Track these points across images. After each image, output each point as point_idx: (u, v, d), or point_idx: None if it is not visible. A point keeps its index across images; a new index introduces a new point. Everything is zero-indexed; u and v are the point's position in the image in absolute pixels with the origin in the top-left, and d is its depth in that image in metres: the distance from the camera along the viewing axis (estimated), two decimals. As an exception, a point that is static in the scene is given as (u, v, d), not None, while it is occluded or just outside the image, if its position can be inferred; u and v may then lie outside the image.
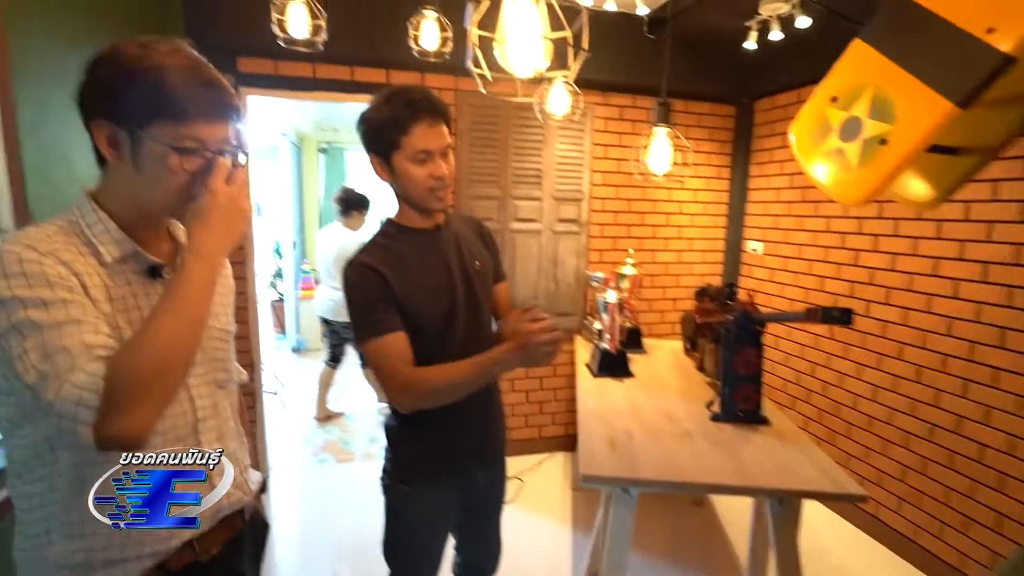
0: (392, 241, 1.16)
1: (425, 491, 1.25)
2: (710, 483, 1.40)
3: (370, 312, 1.10)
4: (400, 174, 1.11)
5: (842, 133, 1.13)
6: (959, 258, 1.97)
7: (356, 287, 1.12)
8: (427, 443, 1.23)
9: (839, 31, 2.28)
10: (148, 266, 0.77)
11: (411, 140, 1.07)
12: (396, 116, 1.06)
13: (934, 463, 2.06)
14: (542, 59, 0.95)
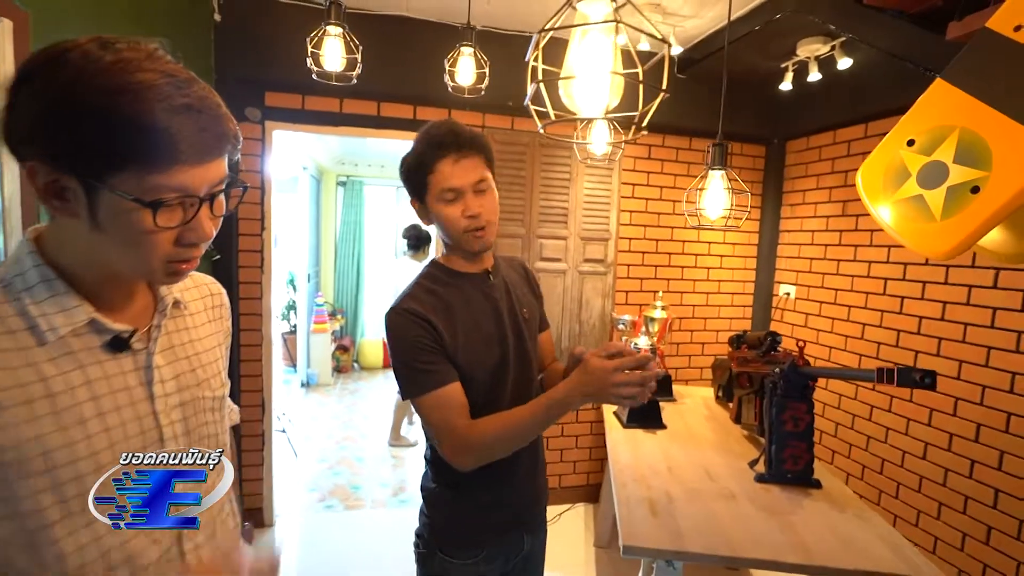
0: (440, 286, 1.07)
1: (466, 562, 1.12)
2: (766, 559, 1.25)
3: (420, 364, 1.00)
4: (435, 216, 1.03)
5: (922, 179, 1.03)
6: (1019, 309, 1.85)
7: (403, 337, 1.00)
8: (471, 509, 1.12)
9: (880, 71, 2.25)
10: (111, 337, 0.58)
11: (436, 179, 1.00)
12: (421, 156, 1.01)
13: (999, 532, 1.85)
14: (611, 98, 0.88)
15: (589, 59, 0.86)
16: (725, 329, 3.08)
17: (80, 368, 0.55)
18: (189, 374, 0.67)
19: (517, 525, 1.18)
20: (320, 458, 3.46)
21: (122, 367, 0.59)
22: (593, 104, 0.86)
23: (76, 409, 0.54)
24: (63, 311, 0.55)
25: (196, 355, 0.70)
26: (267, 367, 2.53)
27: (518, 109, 2.55)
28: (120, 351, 0.59)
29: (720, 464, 1.76)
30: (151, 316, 0.65)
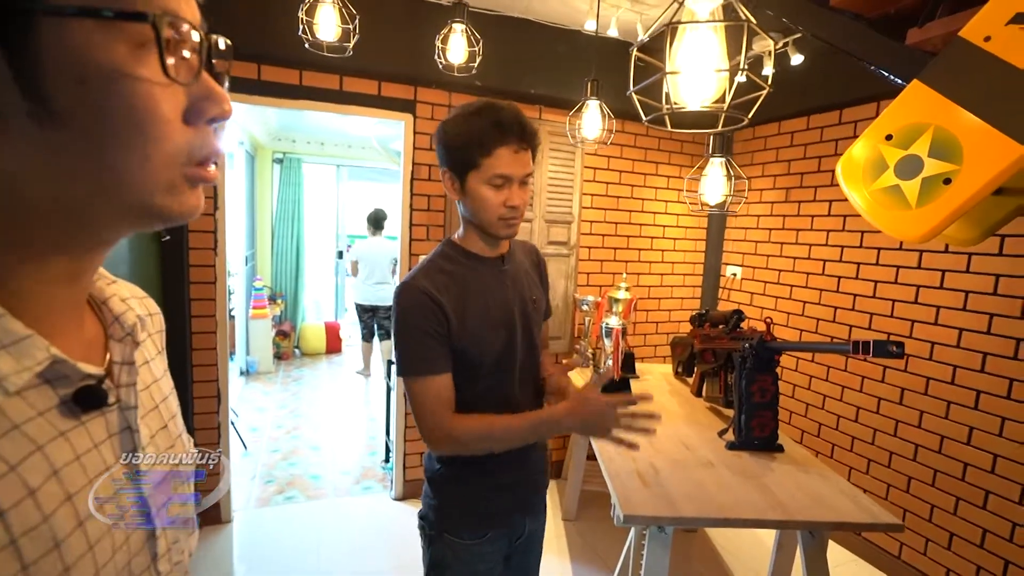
0: (455, 266, 1.06)
1: (471, 542, 1.13)
2: (754, 518, 1.36)
3: (421, 347, 1.01)
4: (472, 195, 1.02)
5: (899, 171, 1.15)
6: (992, 292, 2.03)
7: (410, 314, 1.01)
8: (477, 492, 1.13)
9: (824, 68, 2.43)
10: (78, 388, 0.36)
11: (492, 162, 0.98)
12: (482, 134, 0.98)
13: (968, 503, 2.02)
14: (715, 91, 0.90)
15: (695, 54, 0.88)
16: (677, 308, 3.25)
17: (38, 452, 0.32)
18: (162, 433, 0.46)
19: (520, 509, 1.20)
20: (272, 448, 3.31)
21: (93, 437, 0.37)
22: (697, 96, 0.88)
23: (41, 533, 0.31)
24: (17, 352, 0.32)
25: (164, 401, 0.48)
26: (222, 355, 2.38)
27: (486, 89, 2.52)
28: (90, 409, 0.37)
29: (692, 435, 1.88)
30: (103, 345, 0.42)
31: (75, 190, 0.33)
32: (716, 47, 0.88)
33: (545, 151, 2.73)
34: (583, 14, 2.38)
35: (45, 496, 0.32)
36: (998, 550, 1.94)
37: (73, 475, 0.34)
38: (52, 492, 0.32)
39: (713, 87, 0.89)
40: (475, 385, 1.07)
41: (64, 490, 0.33)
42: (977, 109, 1.04)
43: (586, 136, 1.75)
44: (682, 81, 0.90)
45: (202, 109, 0.36)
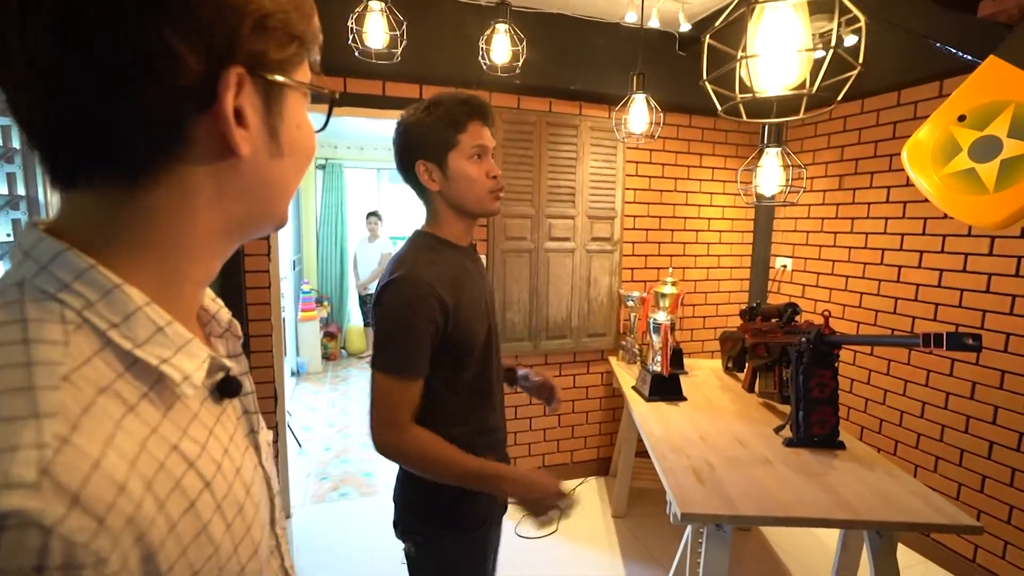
0: (442, 256, 1.06)
1: (475, 533, 1.13)
2: (818, 517, 1.32)
3: (416, 346, 0.99)
4: (457, 175, 1.03)
5: (974, 153, 1.09)
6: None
7: (414, 309, 0.98)
8: (460, 498, 1.08)
9: (879, 49, 2.32)
10: (220, 378, 0.42)
11: (469, 137, 1.02)
12: (451, 113, 1.02)
13: (991, 480, 2.00)
14: (797, 74, 0.88)
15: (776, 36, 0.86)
16: (724, 302, 3.18)
17: (210, 434, 0.39)
18: (255, 417, 0.51)
19: (494, 517, 1.21)
20: (325, 447, 3.43)
21: (233, 421, 0.44)
22: (779, 80, 0.87)
23: (231, 498, 0.38)
24: (180, 349, 0.37)
25: (253, 391, 0.53)
26: (277, 357, 2.47)
27: (525, 87, 2.52)
28: (232, 396, 0.43)
29: (747, 431, 1.84)
30: (206, 340, 0.47)
31: (254, 205, 0.41)
32: (798, 27, 0.86)
33: (586, 147, 2.71)
34: (623, 6, 2.35)
35: (226, 470, 0.39)
36: (1086, 554, 1.81)
37: (234, 452, 0.41)
38: (228, 467, 0.39)
39: (795, 70, 0.87)
40: (466, 372, 1.08)
41: (234, 464, 0.40)
42: (1063, 84, 0.97)
43: (632, 130, 1.72)
44: (762, 65, 0.87)
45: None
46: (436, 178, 1.04)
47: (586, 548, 2.39)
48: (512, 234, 2.65)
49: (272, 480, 0.48)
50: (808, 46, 0.83)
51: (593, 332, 2.85)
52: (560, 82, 2.57)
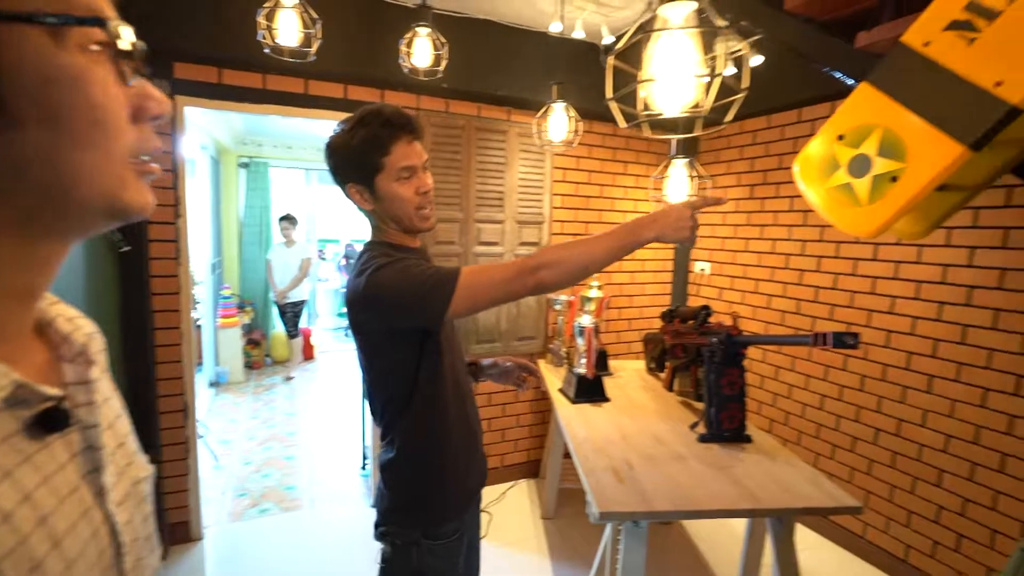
0: (402, 255, 1.07)
1: (449, 540, 1.14)
2: (725, 508, 1.40)
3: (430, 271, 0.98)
4: (386, 196, 1.05)
5: (851, 169, 1.19)
6: (942, 281, 2.06)
7: (405, 269, 0.98)
8: (451, 476, 1.13)
9: (782, 70, 2.50)
10: (39, 410, 0.36)
11: (393, 159, 1.03)
12: (375, 136, 1.01)
13: (924, 482, 2.13)
14: (692, 96, 0.91)
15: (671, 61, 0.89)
16: (649, 305, 3.31)
17: (8, 478, 0.32)
18: (120, 451, 0.45)
19: (479, 490, 1.25)
20: (245, 461, 3.25)
21: (58, 459, 0.37)
22: (675, 102, 0.90)
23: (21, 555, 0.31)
24: None
25: (118, 419, 0.47)
26: (188, 368, 2.32)
27: (454, 91, 2.52)
28: (52, 431, 0.37)
29: (665, 429, 1.92)
30: (54, 367, 0.41)
31: (31, 194, 0.33)
32: (691, 52, 0.91)
33: (515, 152, 2.75)
34: (548, 16, 2.40)
35: (20, 520, 0.32)
36: (952, 525, 2.04)
37: (43, 497, 0.34)
38: (25, 516, 0.32)
39: (691, 92, 0.92)
40: (445, 359, 1.10)
41: (37, 513, 0.33)
42: (920, 110, 1.09)
43: (552, 139, 1.76)
44: (658, 88, 0.92)
45: (145, 108, 0.38)
46: (367, 198, 1.06)
47: (515, 550, 2.40)
48: (441, 238, 2.63)
49: (119, 524, 0.41)
50: (700, 72, 0.88)
51: (522, 336, 2.89)
52: (489, 87, 2.59)
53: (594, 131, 2.94)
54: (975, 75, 0.99)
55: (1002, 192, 1.87)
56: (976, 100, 0.99)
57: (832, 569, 2.32)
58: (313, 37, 1.34)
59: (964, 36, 0.98)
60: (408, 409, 1.08)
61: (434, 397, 1.09)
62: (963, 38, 0.98)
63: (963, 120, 1.02)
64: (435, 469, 1.12)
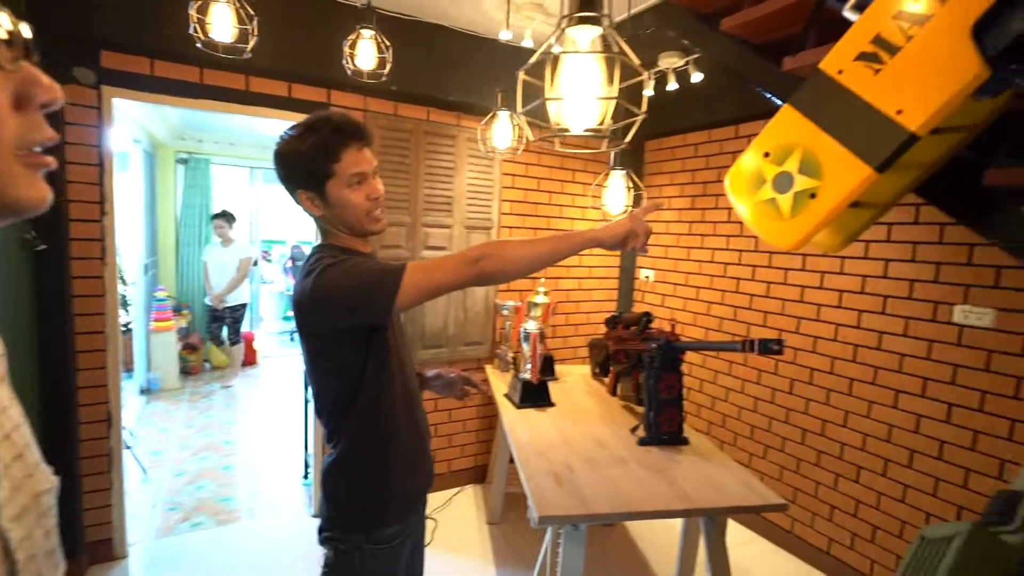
0: (352, 257, 1.08)
1: (391, 544, 1.13)
2: (660, 510, 1.45)
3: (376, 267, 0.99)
4: (337, 202, 1.06)
5: (775, 185, 1.27)
6: (860, 291, 2.20)
7: (352, 266, 0.99)
8: (396, 475, 1.13)
9: (723, 87, 2.62)
10: None
11: (344, 166, 1.03)
12: (325, 143, 1.02)
13: (844, 479, 2.27)
14: (597, 115, 0.94)
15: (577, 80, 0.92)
16: (595, 311, 3.38)
17: None
18: (17, 463, 0.42)
19: (424, 494, 1.25)
20: (177, 472, 3.08)
21: None
22: (580, 121, 0.93)
23: None
24: None
25: (16, 429, 0.44)
26: (113, 374, 2.18)
27: (403, 94, 2.50)
28: None
29: (607, 433, 1.96)
30: None
31: None
32: (596, 74, 0.94)
33: (464, 157, 2.75)
34: (498, 24, 2.42)
35: None
36: (868, 518, 2.19)
37: None
38: None
39: (596, 112, 0.95)
40: (392, 359, 1.10)
41: None
42: (834, 132, 1.17)
43: (497, 146, 1.78)
44: (565, 106, 0.94)
45: (31, 95, 0.36)
46: (318, 204, 1.06)
47: (459, 556, 2.39)
48: (387, 242, 2.60)
49: (13, 541, 0.38)
50: (603, 93, 0.92)
51: (470, 341, 2.88)
52: (439, 92, 2.58)
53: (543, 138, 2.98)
54: (880, 103, 1.08)
55: (912, 209, 2.03)
56: (881, 126, 1.07)
57: (762, 564, 2.43)
58: (249, 33, 1.30)
59: (871, 67, 1.06)
60: (355, 409, 1.07)
61: (381, 397, 1.09)
62: (870, 68, 1.06)
63: (870, 144, 1.10)
64: (381, 471, 1.11)
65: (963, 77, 0.96)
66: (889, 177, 1.24)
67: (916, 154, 1.16)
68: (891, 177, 1.25)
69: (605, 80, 0.93)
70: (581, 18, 0.91)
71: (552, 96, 0.90)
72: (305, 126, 1.03)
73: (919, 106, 1.03)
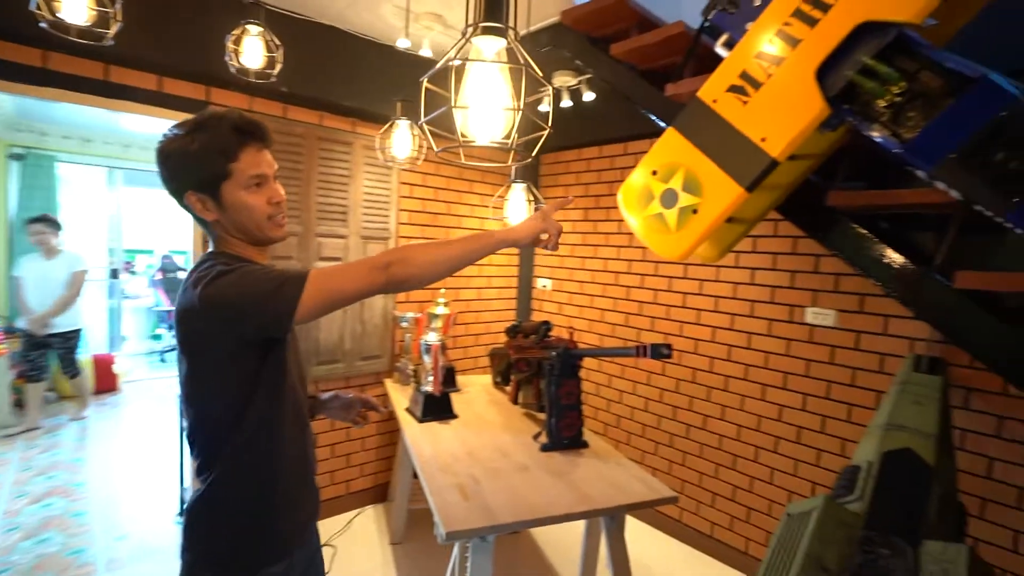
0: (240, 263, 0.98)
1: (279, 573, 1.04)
2: (563, 514, 1.48)
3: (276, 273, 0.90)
4: (233, 205, 0.97)
5: (663, 201, 1.37)
6: (733, 297, 2.46)
7: (249, 272, 0.90)
8: (280, 504, 1.03)
9: (613, 107, 2.79)
10: None
11: (244, 166, 0.96)
12: (221, 142, 0.95)
13: (723, 467, 2.50)
14: (504, 127, 0.93)
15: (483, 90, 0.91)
16: (495, 320, 3.41)
17: None
18: None
19: (314, 519, 1.17)
20: (8, 527, 2.60)
21: None
22: (487, 132, 0.92)
23: None
24: None
25: None
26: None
27: (294, 96, 2.36)
28: None
29: (510, 442, 1.98)
30: None
31: None
32: (503, 85, 0.95)
33: (360, 165, 2.65)
34: (396, 31, 2.38)
35: None
36: (744, 501, 2.43)
37: None
38: None
39: (502, 124, 0.96)
40: (287, 378, 1.03)
41: None
42: (711, 154, 1.29)
43: (396, 156, 1.74)
44: (471, 116, 0.95)
45: None
46: (211, 207, 0.98)
47: (361, 583, 2.27)
48: (278, 253, 2.42)
49: None
50: (509, 105, 0.94)
51: (368, 355, 2.77)
52: (333, 96, 2.47)
53: (442, 149, 2.97)
54: (748, 130, 1.21)
55: (773, 224, 2.30)
56: (749, 151, 1.21)
57: (655, 553, 2.59)
58: (111, 18, 1.15)
59: (740, 98, 1.19)
60: (237, 433, 0.96)
61: (271, 420, 0.99)
62: (739, 99, 1.19)
63: (741, 166, 1.23)
64: (263, 501, 1.01)
65: (811, 112, 1.11)
66: (757, 195, 1.39)
67: (777, 176, 1.32)
68: (758, 196, 1.41)
69: (512, 92, 0.94)
70: (487, 28, 0.92)
71: (458, 105, 0.90)
72: (195, 123, 0.95)
73: (779, 135, 1.17)
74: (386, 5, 2.19)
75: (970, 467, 1.81)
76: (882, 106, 1.06)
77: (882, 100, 1.06)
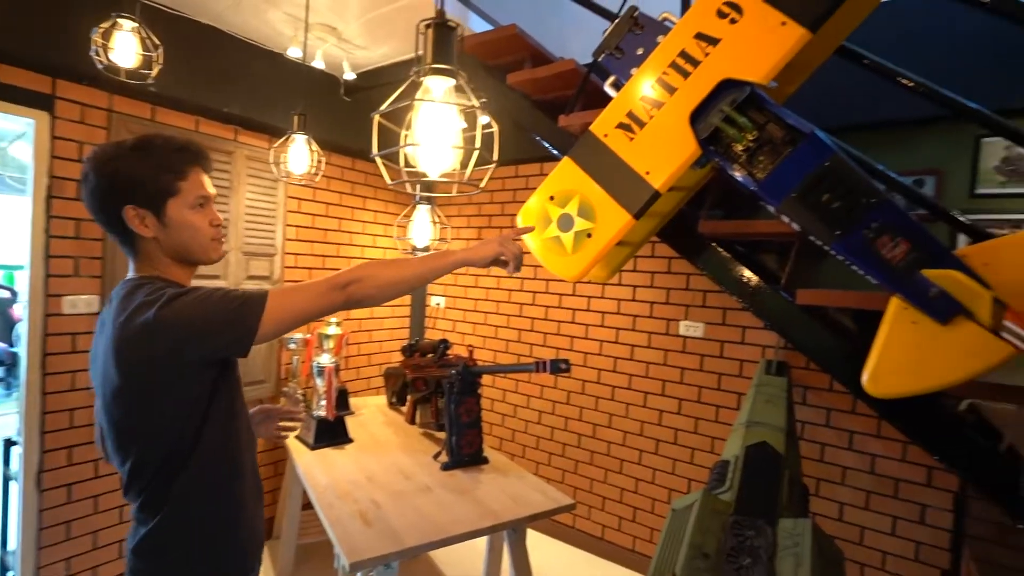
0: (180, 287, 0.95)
1: None
2: (470, 531, 1.50)
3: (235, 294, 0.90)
4: (178, 224, 0.96)
5: (560, 224, 1.47)
6: (617, 312, 2.66)
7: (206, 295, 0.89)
8: (240, 535, 1.01)
9: (507, 133, 2.88)
10: None
11: (191, 185, 0.97)
12: (171, 160, 0.96)
13: (612, 471, 2.67)
14: (453, 161, 0.94)
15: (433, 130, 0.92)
16: (388, 339, 3.34)
17: None
18: None
19: (258, 556, 1.11)
20: None
21: None
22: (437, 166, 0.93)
23: None
24: None
25: None
26: None
27: (164, 97, 2.15)
28: None
29: (410, 463, 1.96)
30: None
31: None
32: (452, 123, 0.98)
33: (242, 177, 2.47)
34: (286, 39, 2.27)
35: None
36: (631, 502, 2.62)
37: None
38: None
39: (452, 158, 0.99)
40: (237, 400, 1.03)
41: None
42: (603, 183, 1.41)
43: (292, 171, 1.66)
44: (421, 152, 0.97)
45: None
46: (150, 224, 0.95)
47: (242, 633, 2.06)
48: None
49: None
50: (458, 143, 0.98)
51: (252, 380, 2.56)
52: (212, 101, 2.29)
53: (332, 163, 2.88)
54: (635, 164, 1.35)
55: (652, 246, 2.55)
56: (636, 182, 1.34)
57: (553, 561, 2.68)
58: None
59: (627, 134, 1.33)
60: (191, 462, 0.92)
61: (225, 445, 0.98)
62: (627, 135, 1.33)
63: (629, 196, 1.36)
64: (222, 532, 0.98)
65: (686, 151, 1.27)
66: (642, 222, 1.54)
67: (659, 205, 1.48)
68: (643, 222, 1.56)
69: (460, 129, 0.98)
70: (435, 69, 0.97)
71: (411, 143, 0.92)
72: (137, 142, 0.94)
73: (660, 170, 1.32)
74: (274, 12, 2.10)
75: (808, 453, 2.14)
76: (740, 150, 1.25)
77: (740, 145, 1.25)
